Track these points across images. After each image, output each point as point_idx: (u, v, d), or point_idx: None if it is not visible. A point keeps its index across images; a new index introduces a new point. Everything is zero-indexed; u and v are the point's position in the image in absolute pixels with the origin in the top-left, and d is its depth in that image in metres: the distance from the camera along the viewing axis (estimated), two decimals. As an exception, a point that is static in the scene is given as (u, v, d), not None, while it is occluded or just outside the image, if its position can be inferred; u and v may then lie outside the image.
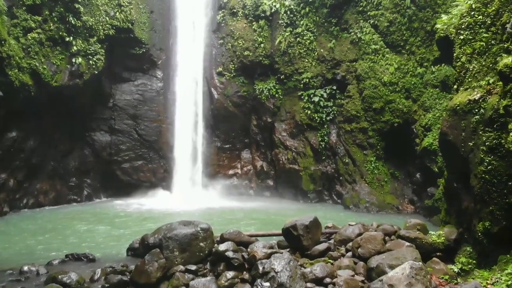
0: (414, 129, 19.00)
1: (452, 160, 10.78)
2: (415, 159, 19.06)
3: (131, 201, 21.16)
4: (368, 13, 20.73)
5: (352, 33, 21.27)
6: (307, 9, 22.16)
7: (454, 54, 10.73)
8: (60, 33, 19.05)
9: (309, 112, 22.05)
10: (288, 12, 22.36)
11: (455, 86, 10.71)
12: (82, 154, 21.98)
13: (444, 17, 11.35)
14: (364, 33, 20.79)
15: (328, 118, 21.94)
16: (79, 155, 21.81)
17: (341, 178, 20.99)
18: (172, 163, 23.24)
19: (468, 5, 10.56)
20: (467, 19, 10.44)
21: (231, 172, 24.48)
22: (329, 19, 22.08)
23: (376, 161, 20.36)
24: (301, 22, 22.25)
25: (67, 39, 19.27)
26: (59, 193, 20.67)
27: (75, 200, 21.18)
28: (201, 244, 9.51)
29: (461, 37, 10.50)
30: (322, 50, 22.18)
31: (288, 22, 22.43)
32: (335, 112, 21.88)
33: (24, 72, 17.51)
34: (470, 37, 10.31)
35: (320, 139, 21.94)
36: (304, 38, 22.24)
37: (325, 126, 21.98)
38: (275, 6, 22.50)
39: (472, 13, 10.34)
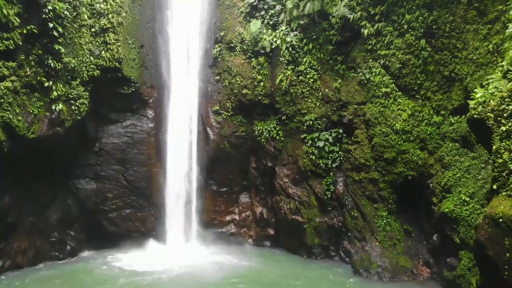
0: (431, 186, 17.08)
1: (489, 275, 8.90)
2: (431, 216, 17.16)
3: (118, 260, 19.20)
4: (378, 52, 18.78)
5: (360, 73, 19.34)
6: (310, 45, 20.21)
7: (493, 147, 8.83)
8: (38, 78, 17.14)
9: (313, 157, 20.11)
10: (290, 49, 20.39)
11: (495, 187, 8.81)
12: (65, 204, 20.01)
13: (478, 93, 9.44)
14: (373, 74, 18.87)
15: (334, 165, 19.98)
16: (61, 206, 19.81)
17: (349, 233, 19.05)
18: (164, 211, 21.34)
19: (510, 89, 8.67)
20: (510, 107, 8.55)
21: (228, 218, 22.54)
22: (335, 56, 20.13)
23: (388, 216, 18.43)
24: (304, 59, 20.30)
25: (46, 84, 17.33)
26: (39, 250, 18.75)
27: (57, 257, 19.21)
28: None
29: (503, 128, 8.61)
30: (327, 90, 20.25)
31: (290, 59, 20.46)
32: (341, 158, 19.94)
33: (-4, 127, 15.72)
34: (515, 130, 8.44)
35: (325, 187, 19.97)
36: (307, 76, 20.31)
37: (331, 174, 20.01)
38: (275, 42, 20.51)
39: (517, 100, 8.47)
